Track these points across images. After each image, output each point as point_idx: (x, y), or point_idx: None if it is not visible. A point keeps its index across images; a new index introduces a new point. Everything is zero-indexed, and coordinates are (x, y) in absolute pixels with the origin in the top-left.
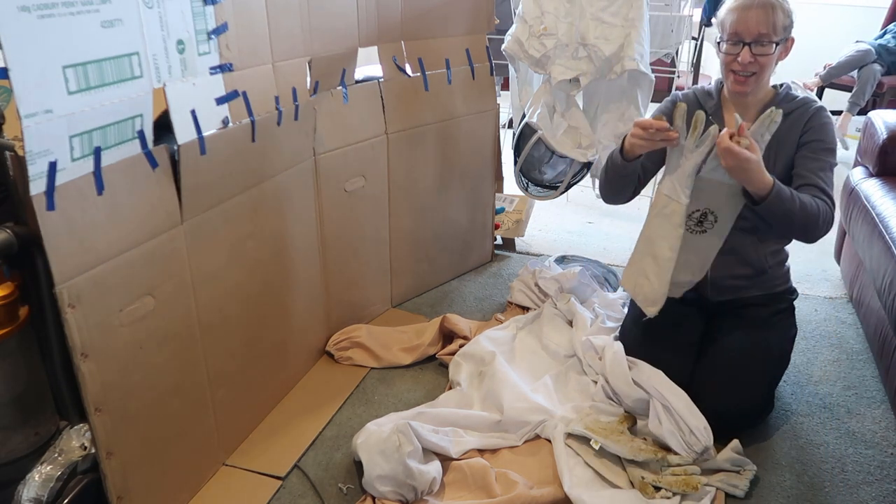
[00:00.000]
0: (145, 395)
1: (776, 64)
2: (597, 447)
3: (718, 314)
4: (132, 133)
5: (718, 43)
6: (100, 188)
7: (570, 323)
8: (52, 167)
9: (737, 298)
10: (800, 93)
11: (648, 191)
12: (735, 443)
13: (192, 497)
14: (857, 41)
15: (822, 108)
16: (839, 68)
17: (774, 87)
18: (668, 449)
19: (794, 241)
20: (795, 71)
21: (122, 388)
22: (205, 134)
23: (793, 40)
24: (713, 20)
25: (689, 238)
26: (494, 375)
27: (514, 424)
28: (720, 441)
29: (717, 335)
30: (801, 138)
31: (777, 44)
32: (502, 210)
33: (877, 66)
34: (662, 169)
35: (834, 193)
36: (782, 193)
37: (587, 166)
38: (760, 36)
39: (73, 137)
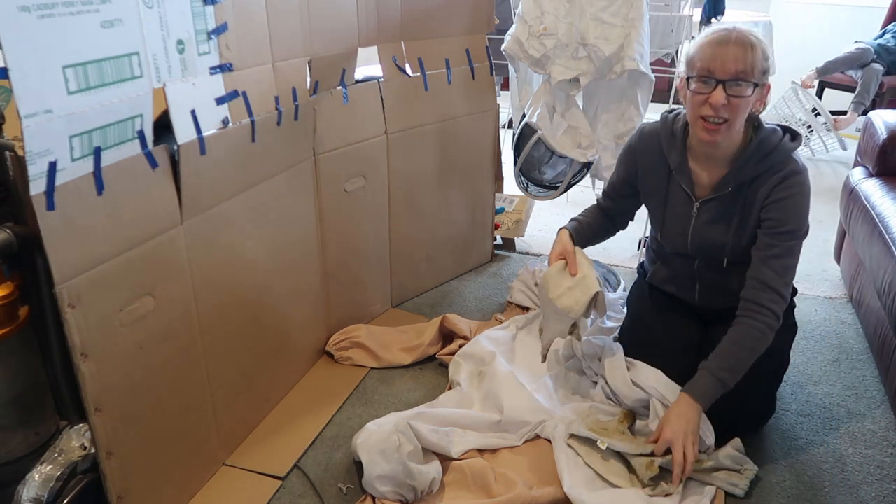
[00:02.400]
0: (145, 395)
1: (748, 112)
2: (604, 447)
3: (717, 317)
4: (132, 133)
5: (687, 80)
6: (100, 188)
7: None
8: (52, 167)
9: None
10: (782, 140)
11: None
12: (736, 441)
13: (192, 497)
14: (856, 41)
15: (791, 175)
16: (836, 63)
17: (749, 129)
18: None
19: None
20: (795, 71)
21: (122, 388)
22: (205, 134)
23: (769, 87)
24: (688, 56)
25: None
26: (494, 375)
27: (514, 424)
28: (720, 443)
29: (716, 337)
30: (763, 203)
31: (754, 86)
32: (502, 210)
33: (878, 66)
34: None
35: (797, 267)
36: (710, 392)
37: (587, 166)
38: (737, 74)
39: (72, 137)
